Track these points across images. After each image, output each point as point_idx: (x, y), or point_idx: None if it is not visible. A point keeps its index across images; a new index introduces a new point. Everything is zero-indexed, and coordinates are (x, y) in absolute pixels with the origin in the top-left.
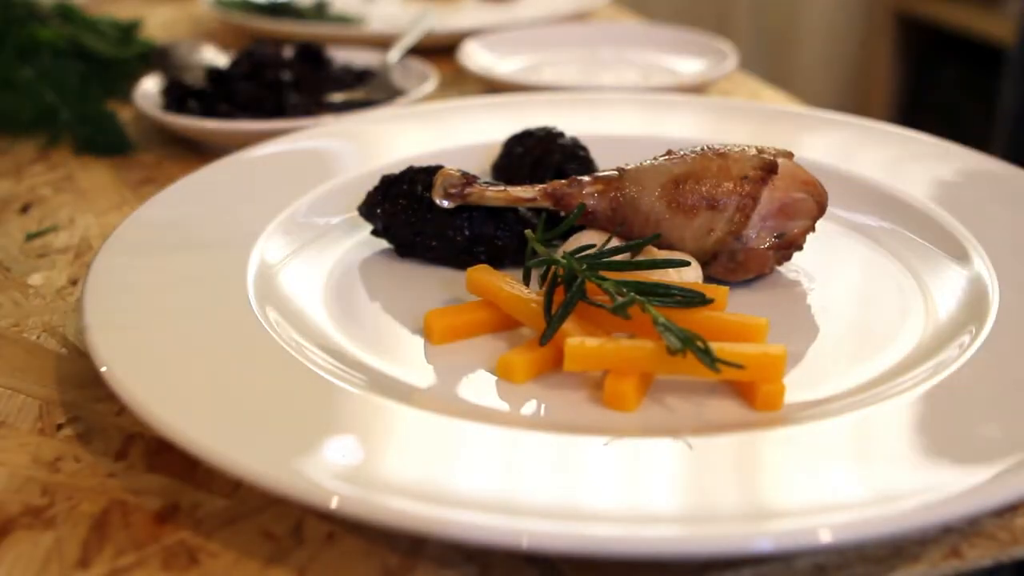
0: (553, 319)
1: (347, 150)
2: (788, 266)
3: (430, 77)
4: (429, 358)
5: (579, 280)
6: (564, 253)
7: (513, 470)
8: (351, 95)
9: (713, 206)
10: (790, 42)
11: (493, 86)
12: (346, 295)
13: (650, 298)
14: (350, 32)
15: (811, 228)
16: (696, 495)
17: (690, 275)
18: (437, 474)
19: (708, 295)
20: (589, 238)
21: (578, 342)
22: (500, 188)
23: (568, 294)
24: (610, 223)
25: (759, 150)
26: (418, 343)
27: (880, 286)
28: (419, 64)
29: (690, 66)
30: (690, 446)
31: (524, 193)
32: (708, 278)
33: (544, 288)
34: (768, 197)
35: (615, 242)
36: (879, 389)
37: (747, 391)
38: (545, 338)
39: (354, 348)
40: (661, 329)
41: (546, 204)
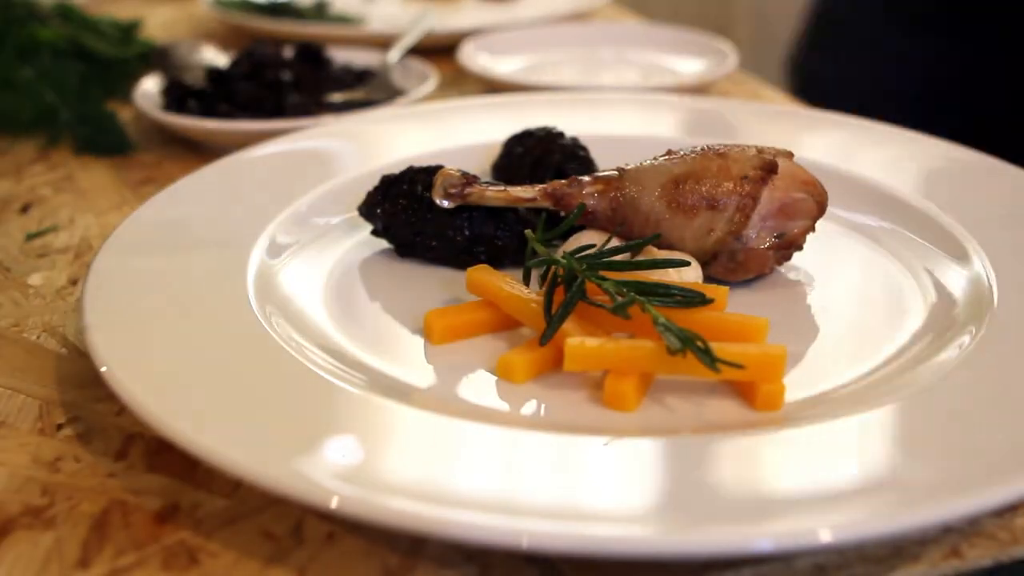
0: (553, 319)
1: (347, 150)
2: (788, 266)
3: (430, 77)
4: (429, 358)
5: (579, 280)
6: (564, 253)
7: (513, 470)
8: (351, 95)
9: (713, 206)
10: (789, 43)
11: (493, 86)
12: (346, 295)
13: (650, 298)
14: (350, 32)
15: (811, 228)
16: (696, 495)
17: (690, 275)
18: (437, 474)
19: (708, 295)
20: (589, 238)
21: (578, 342)
22: (500, 188)
23: (568, 294)
24: (610, 223)
25: (759, 150)
26: (418, 343)
27: (880, 286)
28: (419, 64)
29: (690, 66)
30: (690, 446)
31: (524, 193)
32: (708, 278)
33: (544, 288)
34: (768, 197)
35: (615, 242)
36: (879, 389)
37: (747, 391)
38: (545, 338)
39: (354, 348)
40: (661, 329)
41: (546, 204)
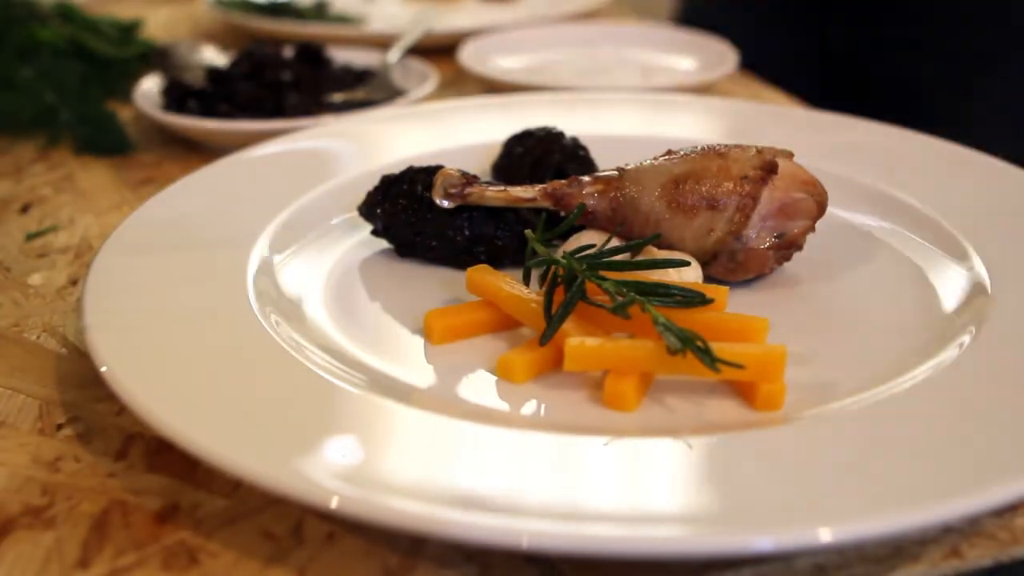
0: (553, 319)
1: (347, 150)
2: (788, 266)
3: (430, 77)
4: (429, 358)
5: (579, 280)
6: (564, 253)
7: (513, 470)
8: (351, 95)
9: (713, 206)
10: None
11: (493, 86)
12: (346, 295)
13: (650, 298)
14: (350, 32)
15: (811, 228)
16: (696, 495)
17: (690, 275)
18: (437, 474)
19: (708, 295)
20: (589, 238)
21: (578, 342)
22: (500, 188)
23: (568, 294)
24: (610, 223)
25: (759, 150)
26: (418, 343)
27: (880, 286)
28: (419, 64)
29: (690, 66)
30: (690, 446)
31: (524, 193)
32: (708, 278)
33: (544, 288)
34: (768, 197)
35: (615, 242)
36: (879, 389)
37: (747, 391)
38: (545, 338)
39: (354, 348)
40: (661, 329)
41: (546, 204)
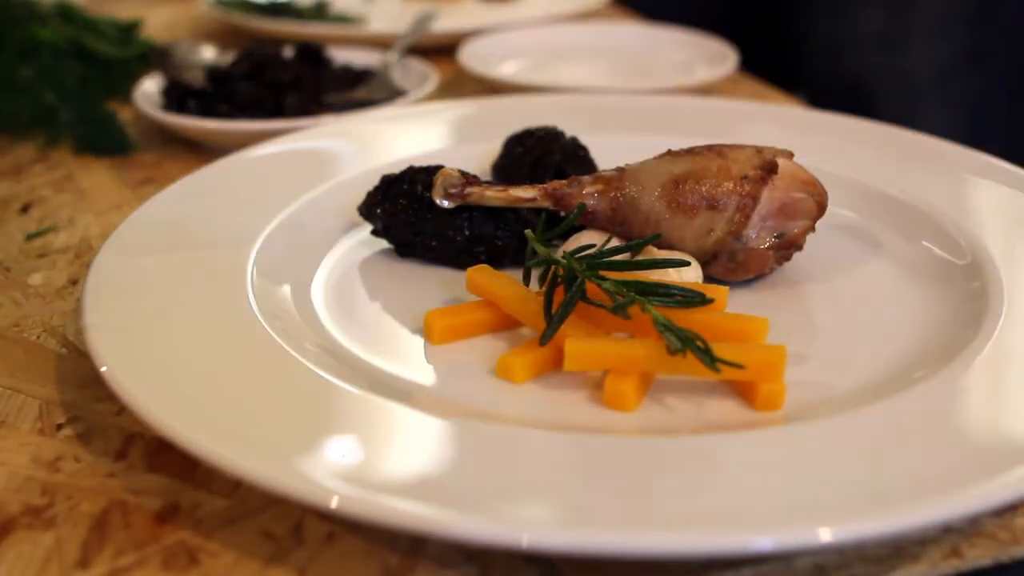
0: (553, 319)
1: (347, 150)
2: (788, 266)
3: (430, 77)
4: (429, 358)
5: (579, 280)
6: (564, 253)
7: (513, 470)
8: (351, 95)
9: (713, 206)
10: None
11: (493, 86)
12: (346, 295)
13: (650, 298)
14: (350, 32)
15: (811, 228)
16: (696, 495)
17: (690, 275)
18: (437, 474)
19: (708, 295)
20: (589, 238)
21: (578, 342)
22: (500, 188)
23: (568, 294)
24: (610, 223)
25: (759, 150)
26: (418, 343)
27: (880, 286)
28: (419, 64)
29: (690, 66)
30: (690, 446)
31: (524, 193)
32: (708, 278)
33: (544, 288)
34: (768, 197)
35: (615, 242)
36: (879, 389)
37: (747, 391)
38: (545, 338)
39: (354, 348)
40: (661, 329)
41: (546, 204)
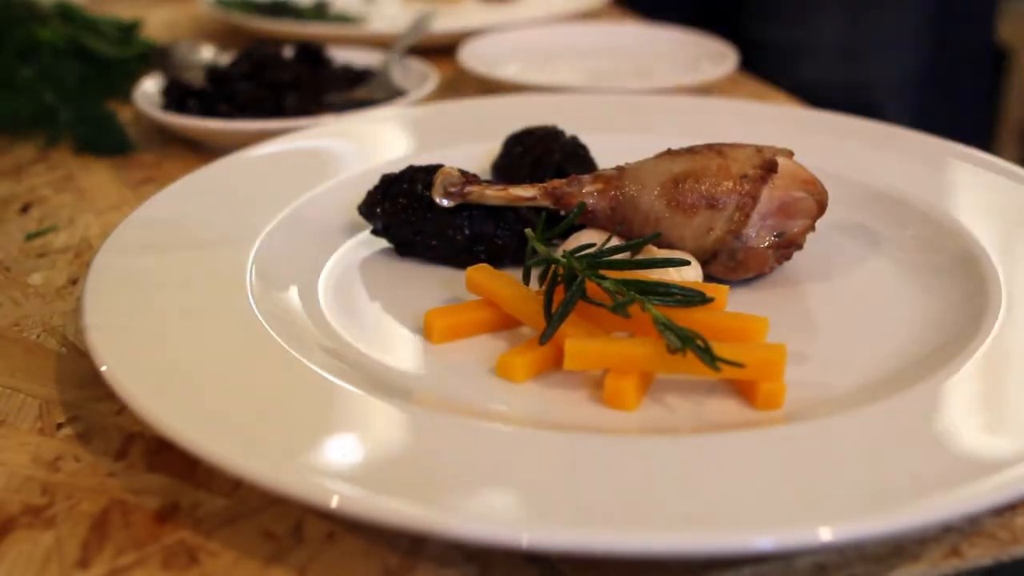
0: (553, 318)
1: (347, 150)
2: (788, 265)
3: (430, 77)
4: (429, 357)
5: (579, 279)
6: (564, 252)
7: (513, 470)
8: (351, 95)
9: (713, 205)
10: None
11: (493, 86)
12: (346, 295)
13: (650, 297)
14: (350, 32)
15: (811, 227)
16: (696, 494)
17: (690, 274)
18: (437, 473)
19: (708, 294)
20: (589, 237)
21: (578, 341)
22: (500, 187)
23: (568, 293)
24: (610, 222)
25: (759, 149)
26: (418, 342)
27: (880, 286)
28: (419, 64)
29: (690, 66)
30: (690, 446)
31: (524, 192)
32: (708, 277)
33: (544, 287)
34: (768, 196)
35: (615, 241)
36: (879, 388)
37: (747, 390)
38: (545, 337)
39: (354, 348)
40: (661, 328)
41: (546, 203)
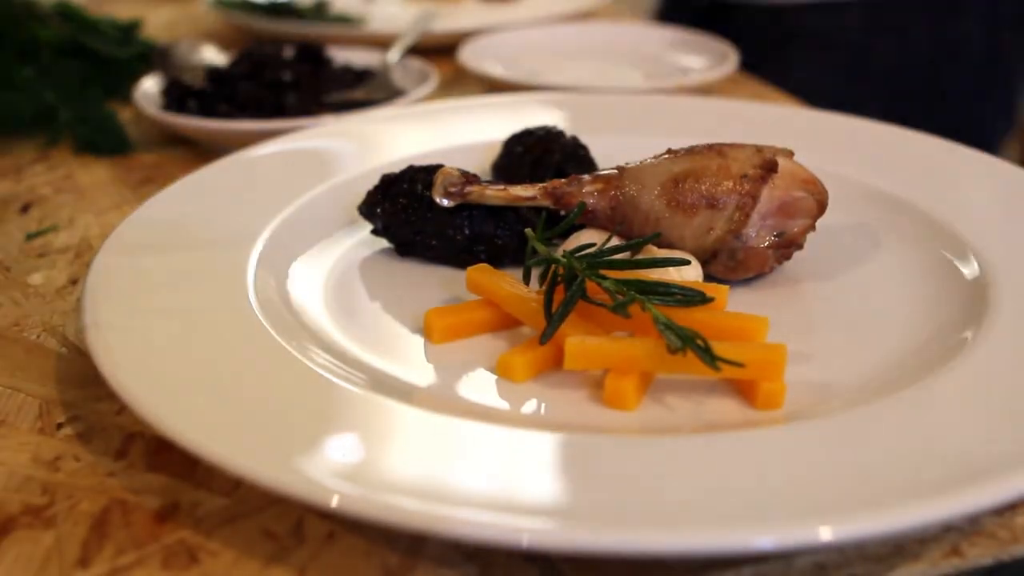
0: (553, 318)
1: (347, 150)
2: (788, 265)
3: (430, 77)
4: (429, 357)
5: (579, 279)
6: (564, 252)
7: (513, 469)
8: (351, 95)
9: (713, 205)
10: None
11: (493, 86)
12: (346, 295)
13: (650, 297)
14: (350, 32)
15: (811, 227)
16: (696, 494)
17: (690, 274)
18: (437, 473)
19: (708, 294)
20: (589, 237)
21: (578, 341)
22: (500, 187)
23: (568, 293)
24: (610, 222)
25: (759, 149)
26: (418, 342)
27: (880, 285)
28: (419, 64)
29: (690, 66)
30: (690, 446)
31: (524, 192)
32: (708, 277)
33: (544, 287)
34: (768, 196)
35: (615, 241)
36: (879, 388)
37: (748, 390)
38: (545, 337)
39: (354, 347)
40: (661, 328)
41: (546, 203)
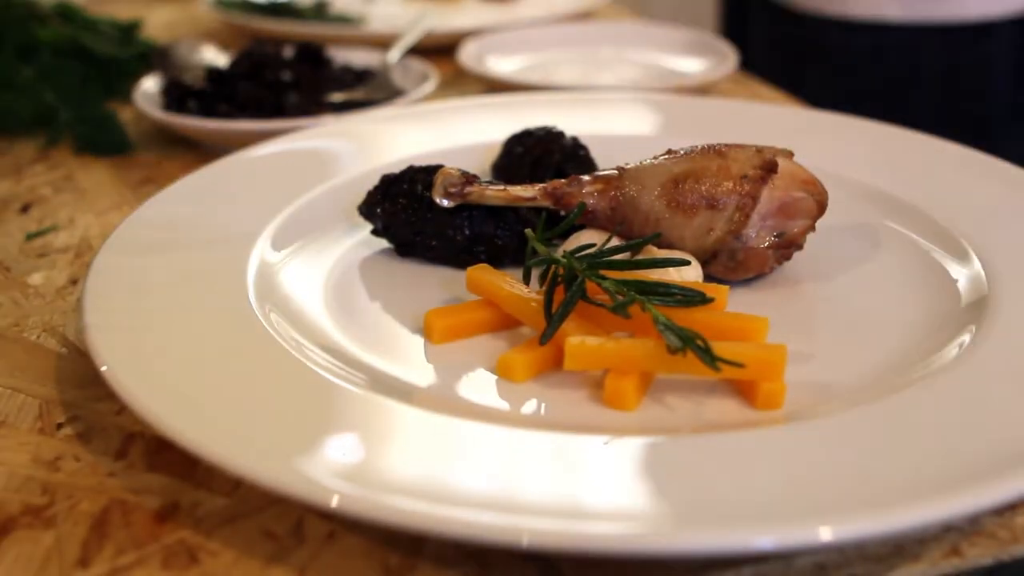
0: (553, 318)
1: (347, 150)
2: (788, 266)
3: (430, 77)
4: (429, 357)
5: (579, 279)
6: (564, 252)
7: (513, 469)
8: (351, 95)
9: (713, 205)
10: None
11: (493, 86)
12: (346, 295)
13: (650, 297)
14: (350, 32)
15: (811, 227)
16: (696, 494)
17: (690, 274)
18: (437, 473)
19: (708, 294)
20: (589, 237)
21: (578, 341)
22: (500, 187)
23: (568, 293)
24: (610, 222)
25: (759, 149)
26: (418, 342)
27: (880, 286)
28: (419, 64)
29: (690, 66)
30: (690, 446)
31: (524, 192)
32: (708, 277)
33: (544, 287)
34: (768, 196)
35: (615, 241)
36: (879, 388)
37: (747, 390)
38: (545, 337)
39: (354, 348)
40: (661, 328)
41: (546, 203)
